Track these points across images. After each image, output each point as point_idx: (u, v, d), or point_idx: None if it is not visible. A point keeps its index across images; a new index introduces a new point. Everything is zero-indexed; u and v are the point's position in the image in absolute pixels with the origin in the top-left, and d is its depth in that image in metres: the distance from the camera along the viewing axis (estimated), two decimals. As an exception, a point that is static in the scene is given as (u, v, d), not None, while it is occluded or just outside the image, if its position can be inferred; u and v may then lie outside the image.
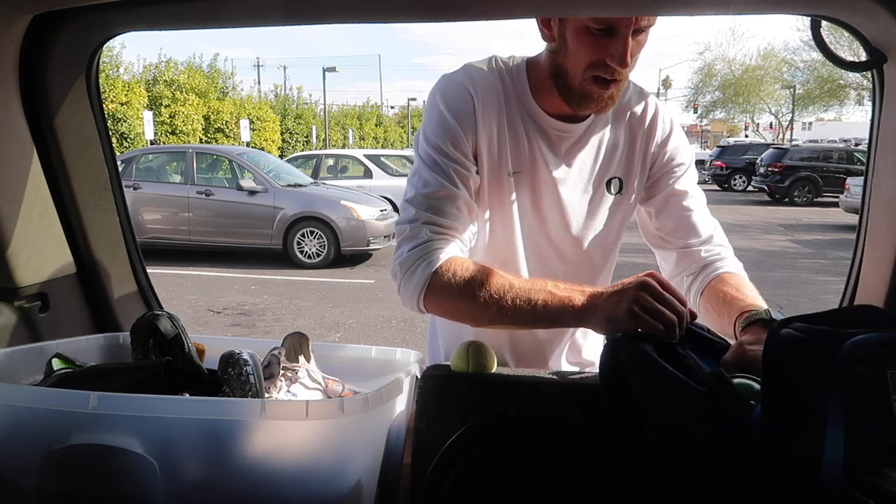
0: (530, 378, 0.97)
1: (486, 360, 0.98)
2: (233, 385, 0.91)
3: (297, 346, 1.10)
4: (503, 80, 1.15)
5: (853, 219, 2.15)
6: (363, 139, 36.81)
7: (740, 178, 22.82)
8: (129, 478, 0.79)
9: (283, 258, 9.06)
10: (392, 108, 55.00)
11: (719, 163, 23.33)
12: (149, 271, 1.47)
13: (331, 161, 13.57)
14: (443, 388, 0.96)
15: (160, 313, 1.05)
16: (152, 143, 15.00)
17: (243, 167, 9.54)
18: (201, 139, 18.57)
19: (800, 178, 18.19)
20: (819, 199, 17.86)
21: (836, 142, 32.24)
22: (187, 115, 17.83)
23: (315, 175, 12.10)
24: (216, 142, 18.96)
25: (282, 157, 17.91)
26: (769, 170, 18.66)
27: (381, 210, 9.53)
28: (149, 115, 15.09)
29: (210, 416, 0.79)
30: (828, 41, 1.01)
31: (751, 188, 21.94)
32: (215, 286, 7.86)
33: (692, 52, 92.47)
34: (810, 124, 55.24)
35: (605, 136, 1.19)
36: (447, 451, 0.88)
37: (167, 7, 1.08)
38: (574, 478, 0.87)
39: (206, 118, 19.15)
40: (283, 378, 1.00)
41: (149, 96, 16.79)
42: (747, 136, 45.50)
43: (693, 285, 1.21)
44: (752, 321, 1.00)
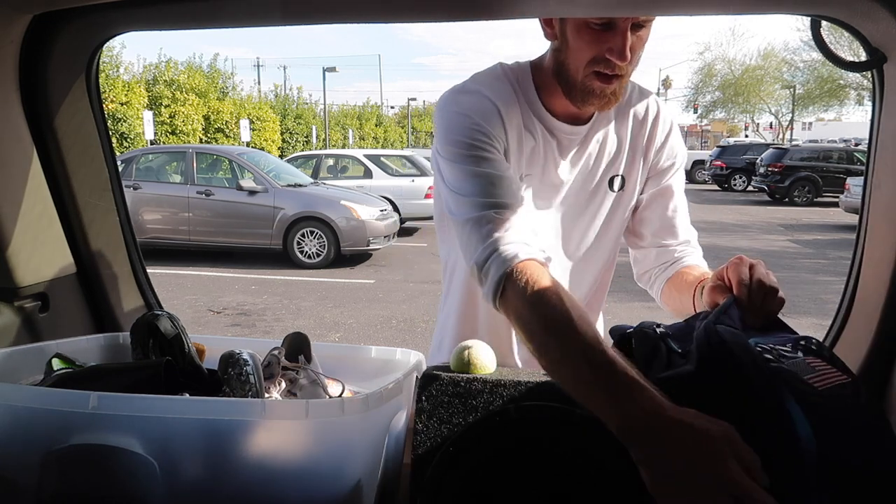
0: (530, 378, 0.96)
1: (486, 360, 0.98)
2: (233, 385, 0.91)
3: (297, 347, 1.09)
4: (513, 85, 1.15)
5: (853, 219, 2.15)
6: (363, 139, 36.84)
7: (740, 178, 22.84)
8: (129, 478, 0.79)
9: (283, 258, 9.06)
10: (392, 108, 55.13)
11: (719, 163, 23.36)
12: (149, 271, 1.47)
13: (331, 161, 13.57)
14: (443, 388, 0.96)
15: (160, 313, 1.05)
16: (152, 143, 15.01)
17: (243, 167, 9.54)
18: (201, 139, 18.59)
19: (800, 178, 18.21)
20: (819, 199, 17.88)
21: (836, 142, 32.29)
22: (187, 115, 17.85)
23: (315, 175, 12.10)
24: (216, 142, 18.98)
25: (282, 157, 17.92)
26: (769, 170, 18.68)
27: (381, 210, 9.54)
28: (149, 115, 15.11)
29: (210, 416, 0.79)
30: (828, 41, 1.01)
31: (751, 188, 21.96)
32: (215, 286, 7.86)
33: (692, 52, 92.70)
34: (810, 124, 55.27)
35: (609, 135, 1.20)
36: (447, 451, 0.88)
37: (167, 7, 1.08)
38: (574, 478, 0.87)
39: (206, 118, 19.17)
40: (283, 378, 1.00)
41: (149, 96, 16.81)
42: (747, 136, 45.50)
43: (660, 277, 1.25)
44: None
